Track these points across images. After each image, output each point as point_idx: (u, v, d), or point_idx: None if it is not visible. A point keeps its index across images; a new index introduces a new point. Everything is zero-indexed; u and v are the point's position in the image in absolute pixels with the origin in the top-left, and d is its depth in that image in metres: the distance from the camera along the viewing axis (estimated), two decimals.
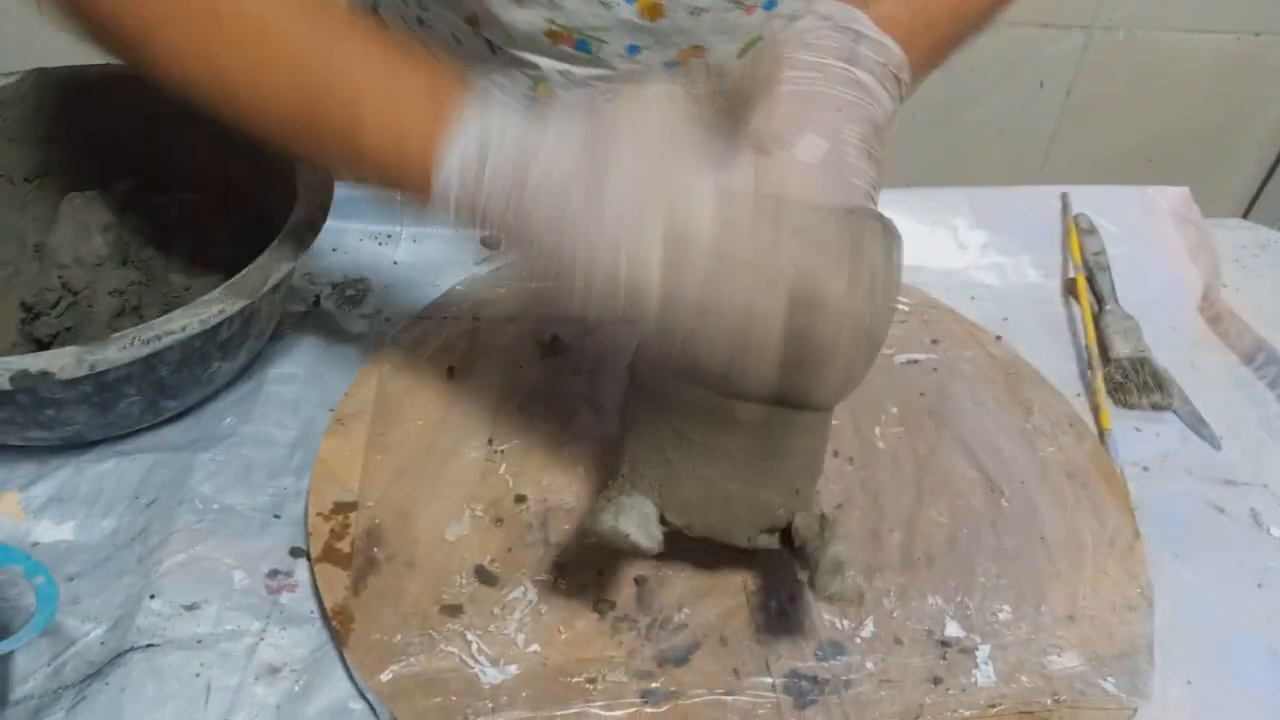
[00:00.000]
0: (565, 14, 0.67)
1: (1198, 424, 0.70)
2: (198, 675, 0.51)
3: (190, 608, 0.53)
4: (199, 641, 0.52)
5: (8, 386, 0.51)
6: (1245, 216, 1.53)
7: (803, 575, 0.49)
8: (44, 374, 0.51)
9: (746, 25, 0.70)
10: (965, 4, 0.59)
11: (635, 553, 0.49)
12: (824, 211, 0.46)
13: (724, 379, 0.47)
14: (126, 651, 0.51)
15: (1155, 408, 0.71)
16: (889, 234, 0.47)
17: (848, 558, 0.48)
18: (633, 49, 0.68)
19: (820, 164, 0.51)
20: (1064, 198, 0.86)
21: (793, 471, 0.52)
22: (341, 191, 0.67)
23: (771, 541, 0.52)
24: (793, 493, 0.52)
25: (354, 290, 0.73)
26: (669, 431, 0.51)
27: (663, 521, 0.51)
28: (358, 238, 0.77)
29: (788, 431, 0.50)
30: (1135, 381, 0.71)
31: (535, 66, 0.69)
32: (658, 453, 0.52)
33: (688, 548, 0.54)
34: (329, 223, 0.62)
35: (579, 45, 0.68)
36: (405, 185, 0.48)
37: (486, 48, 0.70)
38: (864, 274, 0.44)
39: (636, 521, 0.49)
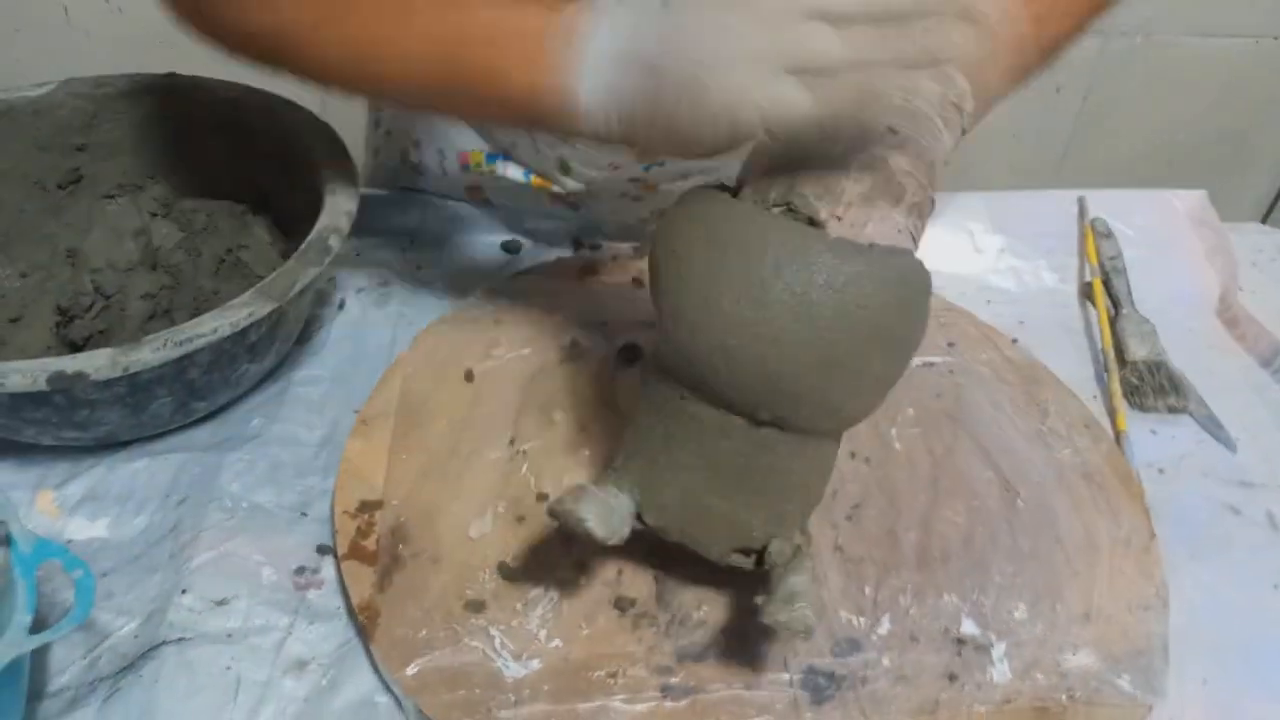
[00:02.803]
0: None
1: (1214, 426, 0.70)
2: (228, 669, 0.52)
3: (220, 603, 0.55)
4: (229, 636, 0.53)
5: (44, 387, 0.52)
6: (1264, 221, 1.52)
7: (759, 599, 0.48)
8: (79, 375, 0.53)
9: None
10: (1029, 36, 0.57)
11: (589, 540, 0.49)
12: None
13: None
14: (159, 645, 0.53)
15: (1171, 410, 0.71)
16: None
17: (803, 589, 0.47)
18: None
19: None
20: (1081, 202, 0.87)
21: (778, 496, 0.51)
22: (367, 199, 0.68)
23: (745, 562, 0.52)
24: (775, 518, 0.51)
25: (378, 294, 0.75)
26: (661, 433, 0.51)
27: (640, 520, 0.51)
28: (382, 243, 0.78)
29: (779, 455, 0.50)
30: (1151, 384, 0.71)
31: None
32: (647, 452, 0.52)
33: (677, 555, 0.54)
34: (353, 229, 0.63)
35: None
36: (546, 116, 0.51)
37: None
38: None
39: (597, 510, 0.49)
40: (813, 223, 0.48)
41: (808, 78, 0.44)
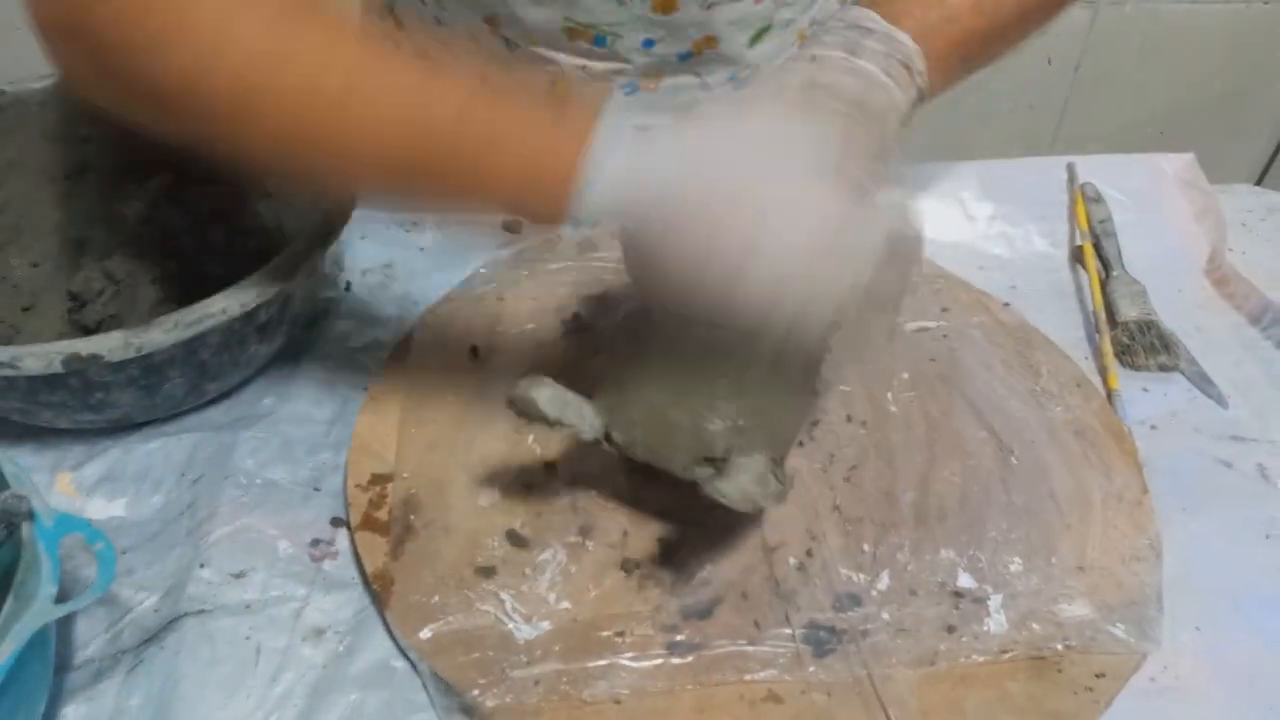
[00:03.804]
0: (582, 11, 0.69)
1: (1205, 383, 0.72)
2: (247, 638, 0.54)
3: (238, 575, 0.56)
4: (248, 607, 0.55)
5: (60, 369, 0.54)
6: (1259, 183, 1.53)
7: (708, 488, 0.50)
8: (94, 356, 0.54)
9: (756, 14, 0.72)
10: (976, 30, 0.59)
11: (544, 422, 0.51)
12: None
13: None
14: (180, 617, 0.54)
15: (1162, 368, 0.72)
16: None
17: (752, 467, 0.49)
18: (648, 43, 0.70)
19: None
20: (1070, 168, 0.88)
21: (741, 408, 0.53)
22: None
23: (707, 473, 0.52)
24: (735, 430, 0.53)
25: (382, 275, 0.76)
26: (633, 355, 0.55)
27: (609, 440, 0.54)
28: (385, 225, 0.80)
29: (741, 363, 0.53)
30: (1142, 343, 0.73)
31: (553, 63, 0.71)
32: (616, 378, 0.55)
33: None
34: (357, 211, 0.65)
35: (596, 41, 0.70)
36: (535, 208, 0.49)
37: (504, 46, 0.72)
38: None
39: (550, 398, 0.51)
40: None
41: None
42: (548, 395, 0.52)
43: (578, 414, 0.53)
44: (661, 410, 0.54)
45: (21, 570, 0.45)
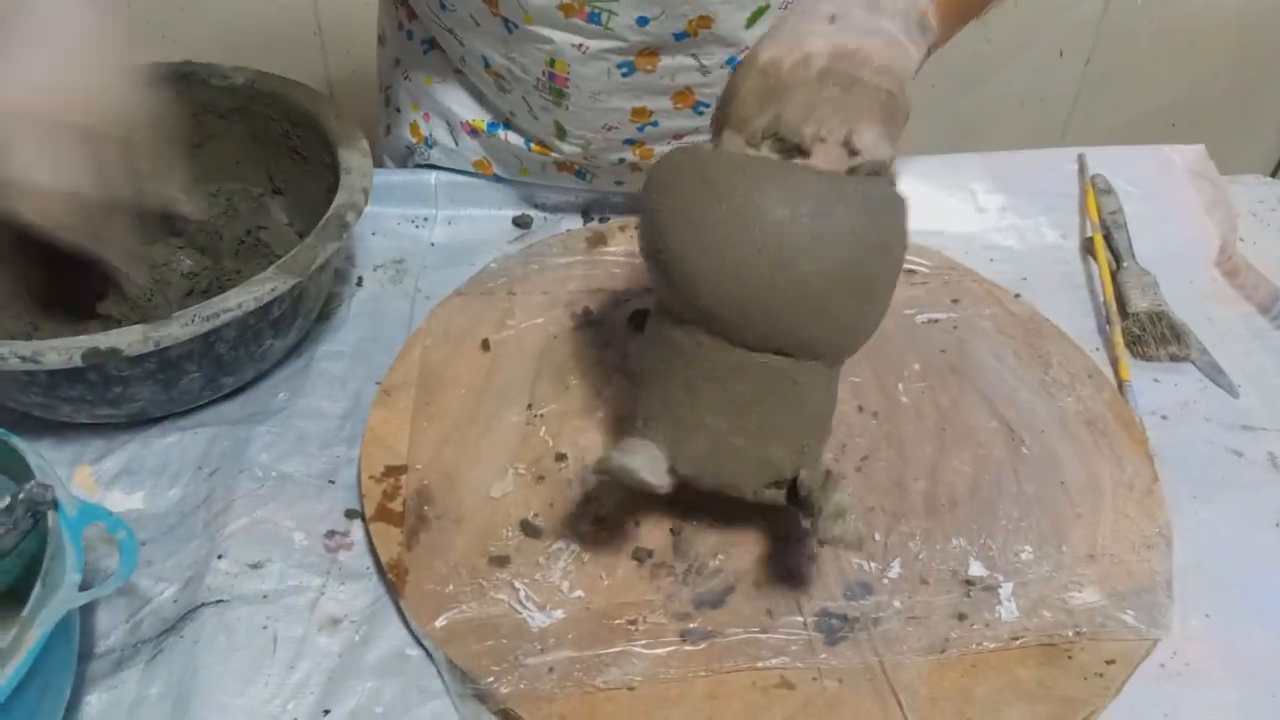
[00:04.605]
0: None
1: (1215, 373, 0.72)
2: (265, 627, 0.55)
3: (255, 566, 0.57)
4: (265, 597, 0.56)
5: (80, 363, 0.55)
6: (1274, 175, 1.52)
7: (806, 522, 0.51)
8: (113, 350, 0.55)
9: None
10: None
11: (644, 488, 0.51)
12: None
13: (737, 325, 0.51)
14: (198, 607, 0.55)
15: (1173, 359, 0.72)
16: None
17: (850, 504, 0.50)
18: (642, 20, 0.70)
19: None
20: (1080, 159, 0.88)
21: (798, 428, 0.54)
22: (380, 178, 0.70)
23: (778, 496, 0.54)
24: (798, 450, 0.53)
25: (394, 271, 0.77)
26: (679, 385, 0.53)
27: (673, 473, 0.53)
28: (396, 221, 0.80)
29: (793, 385, 0.52)
30: (1153, 334, 0.73)
31: (550, 41, 0.71)
32: (668, 408, 0.54)
33: (706, 501, 0.56)
34: (368, 208, 0.66)
35: (590, 17, 0.70)
36: None
37: (504, 27, 0.72)
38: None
39: (643, 460, 0.51)
40: (799, 149, 0.50)
41: None
42: (642, 462, 0.51)
43: (662, 471, 0.52)
44: (725, 438, 0.53)
45: (47, 559, 0.45)
